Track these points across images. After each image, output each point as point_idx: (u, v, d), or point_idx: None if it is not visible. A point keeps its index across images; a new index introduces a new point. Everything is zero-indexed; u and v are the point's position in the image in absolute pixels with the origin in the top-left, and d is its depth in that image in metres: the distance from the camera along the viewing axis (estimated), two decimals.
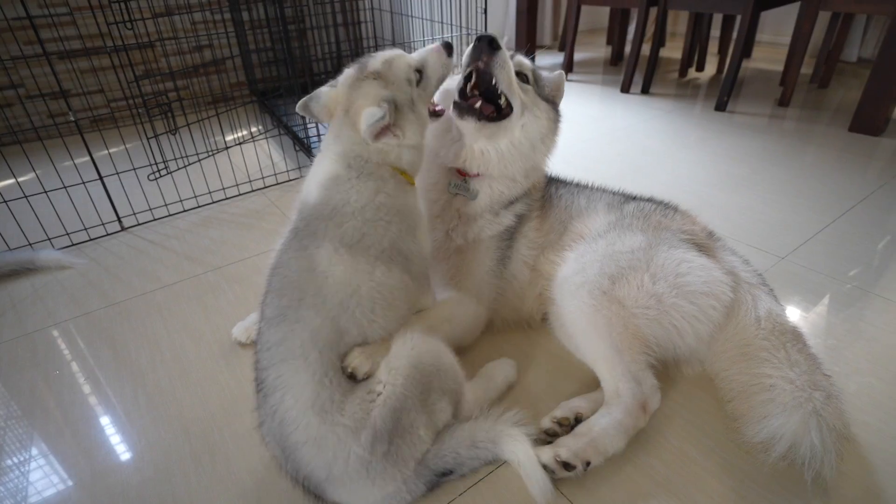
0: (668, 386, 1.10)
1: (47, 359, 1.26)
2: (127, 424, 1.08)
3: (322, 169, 0.94)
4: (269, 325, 0.83)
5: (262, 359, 0.83)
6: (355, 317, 0.85)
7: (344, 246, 0.87)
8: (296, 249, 0.88)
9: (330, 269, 0.85)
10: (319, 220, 0.89)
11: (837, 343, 1.20)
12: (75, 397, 1.15)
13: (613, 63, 3.83)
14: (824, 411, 0.87)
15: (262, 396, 0.82)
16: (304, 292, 0.83)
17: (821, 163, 2.11)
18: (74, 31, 2.42)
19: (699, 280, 1.01)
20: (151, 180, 2.00)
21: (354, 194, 0.90)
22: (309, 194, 0.94)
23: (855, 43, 3.40)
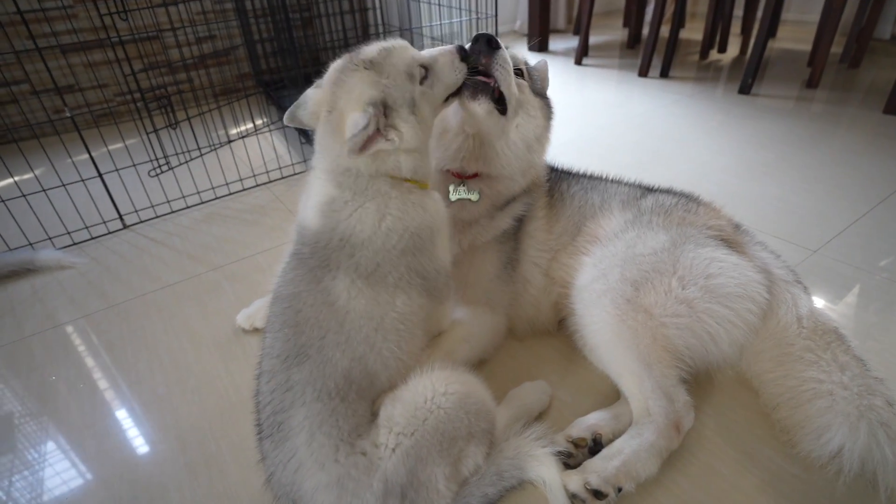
0: (693, 394, 1.02)
1: (44, 363, 1.22)
2: (122, 435, 1.04)
3: (316, 190, 0.84)
4: (288, 363, 0.74)
5: (278, 400, 0.74)
6: (382, 355, 0.78)
7: (361, 277, 0.79)
8: (308, 281, 0.79)
9: (350, 303, 0.77)
10: (329, 250, 0.80)
11: (878, 344, 1.11)
12: (70, 405, 1.11)
13: (630, 46, 3.69)
14: (890, 421, 0.80)
15: (278, 440, 0.73)
16: (325, 329, 0.76)
17: (853, 148, 1.98)
18: (68, 26, 2.38)
19: (733, 281, 0.93)
20: (153, 176, 1.95)
21: (357, 223, 0.80)
22: (307, 218, 0.84)
23: (889, 19, 3.21)
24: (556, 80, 3.07)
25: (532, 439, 0.83)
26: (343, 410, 0.73)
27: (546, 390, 1.02)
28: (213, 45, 2.83)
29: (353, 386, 0.75)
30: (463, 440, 0.76)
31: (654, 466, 0.84)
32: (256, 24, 2.75)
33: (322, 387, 0.73)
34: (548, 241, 1.15)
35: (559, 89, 2.90)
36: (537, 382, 1.02)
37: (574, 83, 2.99)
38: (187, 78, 2.70)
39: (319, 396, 0.72)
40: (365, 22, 3.24)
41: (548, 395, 1.01)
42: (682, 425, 0.88)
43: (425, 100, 0.84)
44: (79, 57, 2.46)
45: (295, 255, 0.84)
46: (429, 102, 0.85)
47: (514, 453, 0.81)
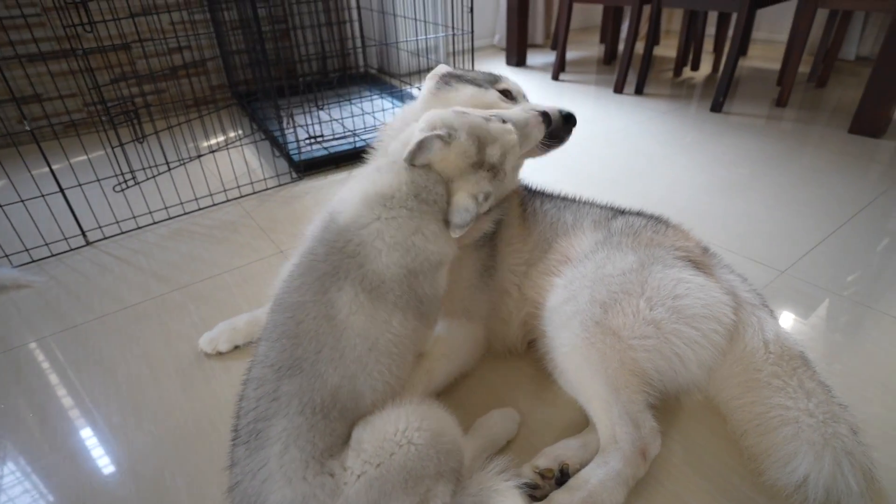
0: (661, 420, 1.02)
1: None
2: (72, 469, 0.98)
3: (379, 180, 0.84)
4: (280, 374, 0.73)
5: (263, 407, 0.72)
6: (372, 376, 0.76)
7: (364, 291, 0.78)
8: (315, 292, 0.78)
9: (350, 318, 0.76)
10: (342, 256, 0.79)
11: (844, 368, 1.12)
12: (17, 437, 1.05)
13: (607, 62, 3.74)
14: (854, 449, 0.81)
15: (254, 448, 0.71)
16: (321, 343, 0.75)
17: (821, 166, 2.03)
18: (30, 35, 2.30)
19: (699, 302, 0.93)
20: (118, 191, 1.90)
21: (393, 229, 0.80)
22: (342, 208, 0.83)
23: (853, 41, 3.32)
24: (534, 95, 3.09)
25: (496, 473, 0.80)
26: (322, 427, 0.72)
27: (514, 418, 1.00)
28: (186, 56, 2.78)
29: (338, 405, 0.74)
30: (431, 479, 0.73)
31: (620, 496, 0.83)
32: (232, 36, 2.72)
33: (308, 401, 0.72)
34: (523, 249, 1.15)
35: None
36: (505, 410, 1.01)
37: (551, 99, 3.01)
38: (157, 90, 2.65)
39: (303, 410, 0.71)
40: (342, 35, 3.23)
41: (516, 423, 0.99)
42: (648, 452, 0.87)
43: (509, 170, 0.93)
44: (41, 67, 2.38)
45: (308, 254, 0.82)
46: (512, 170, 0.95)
47: (478, 489, 0.79)
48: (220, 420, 1.07)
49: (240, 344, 1.25)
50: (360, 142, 2.23)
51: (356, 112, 2.54)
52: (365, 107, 2.62)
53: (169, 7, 2.57)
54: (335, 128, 2.35)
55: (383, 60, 3.40)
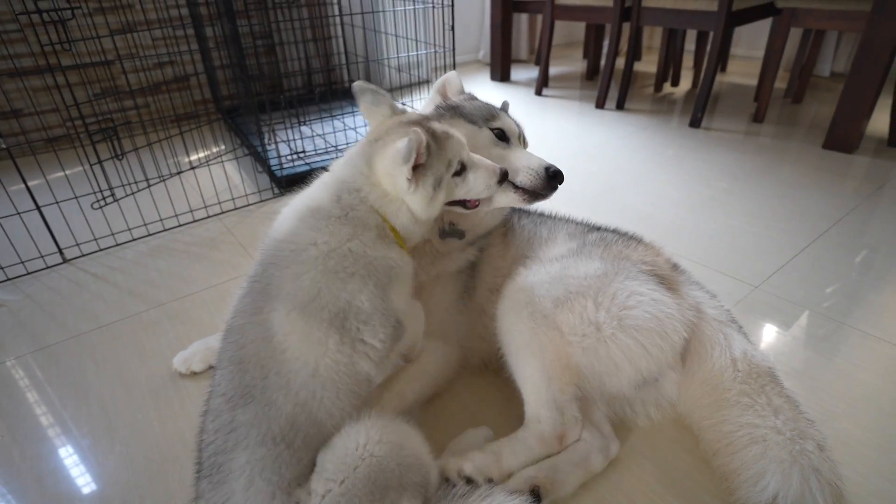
0: (637, 438, 1.03)
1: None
2: (39, 493, 0.96)
3: (307, 196, 0.86)
4: (232, 403, 0.72)
5: (221, 440, 0.71)
6: (324, 404, 0.74)
7: (297, 308, 0.76)
8: (250, 312, 0.77)
9: (286, 339, 0.74)
10: (275, 269, 0.78)
11: (814, 383, 1.14)
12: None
13: (589, 77, 3.80)
14: (821, 465, 0.82)
15: (216, 482, 0.69)
16: (266, 369, 0.73)
17: (795, 182, 2.07)
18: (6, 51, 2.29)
19: (647, 315, 0.95)
20: (96, 209, 1.88)
21: (325, 235, 0.79)
22: (279, 225, 0.84)
23: (827, 58, 3.41)
24: (518, 110, 3.12)
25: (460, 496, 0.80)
26: (287, 458, 0.70)
27: (488, 436, 1.00)
28: (170, 72, 2.78)
29: (300, 433, 0.72)
30: (395, 491, 0.73)
31: (521, 464, 0.91)
32: (218, 51, 2.73)
33: (267, 430, 0.70)
34: (502, 266, 1.17)
35: (521, 120, 2.94)
36: (479, 429, 1.01)
37: (534, 114, 3.05)
38: (137, 105, 2.64)
39: (264, 441, 0.70)
40: (327, 50, 3.25)
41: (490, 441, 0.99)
42: (566, 438, 0.94)
43: (445, 189, 0.88)
44: (19, 83, 2.36)
45: (251, 276, 0.82)
46: (447, 194, 0.90)
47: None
48: (192, 441, 1.04)
49: (214, 364, 1.24)
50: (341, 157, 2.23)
51: (339, 127, 2.55)
52: (348, 122, 2.63)
53: (149, 24, 2.58)
54: (318, 143, 2.36)
55: (368, 76, 3.43)
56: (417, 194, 0.84)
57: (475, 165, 0.92)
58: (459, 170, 0.90)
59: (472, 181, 0.92)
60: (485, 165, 0.93)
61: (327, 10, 3.12)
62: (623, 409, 1.05)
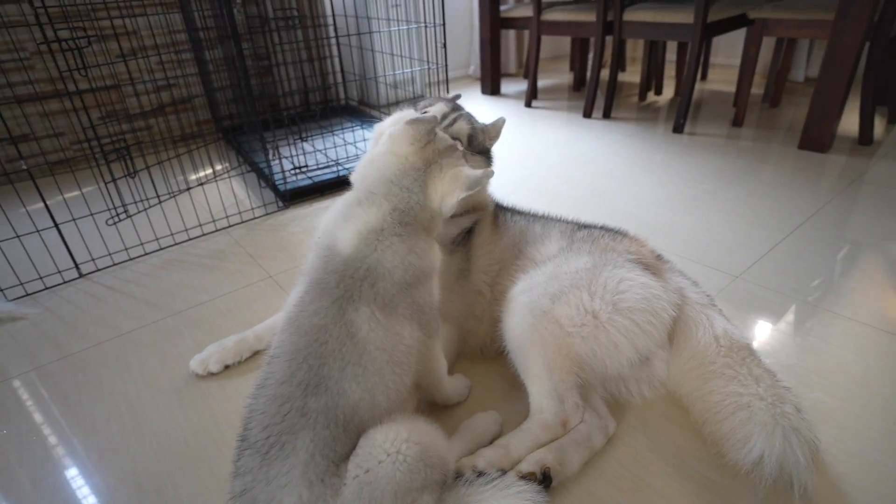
0: (628, 413, 1.11)
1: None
2: (77, 485, 1.04)
3: (359, 217, 0.92)
4: (307, 392, 0.79)
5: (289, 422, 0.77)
6: (388, 386, 0.84)
7: (379, 308, 0.86)
8: (334, 315, 0.84)
9: (370, 335, 0.84)
10: (353, 280, 0.87)
11: (789, 359, 1.23)
12: (22, 457, 1.10)
13: (576, 89, 3.95)
14: (799, 425, 0.91)
15: (275, 458, 0.76)
16: (346, 361, 0.82)
17: (773, 181, 2.19)
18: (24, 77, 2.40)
19: (637, 296, 1.04)
20: (110, 225, 1.97)
21: (390, 254, 0.89)
22: (340, 244, 0.90)
23: (801, 64, 3.57)
24: (509, 122, 3.25)
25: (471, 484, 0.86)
26: (343, 439, 0.79)
27: (497, 420, 1.08)
28: (174, 94, 2.89)
29: (356, 418, 0.81)
30: (417, 491, 0.79)
31: (529, 451, 0.98)
32: (217, 73, 2.84)
33: (333, 416, 0.79)
34: (494, 252, 1.26)
35: (512, 131, 3.07)
36: (489, 413, 1.09)
37: (524, 125, 3.17)
38: (146, 126, 2.74)
39: (328, 425, 0.78)
40: (323, 70, 3.37)
41: (499, 425, 1.07)
42: (569, 423, 1.02)
43: None
44: (36, 107, 2.46)
45: (318, 283, 0.88)
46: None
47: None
48: (217, 434, 1.13)
49: (230, 363, 1.31)
50: (342, 170, 2.34)
51: (338, 142, 2.66)
52: (347, 137, 2.74)
53: (151, 50, 2.69)
54: (319, 158, 2.46)
55: (363, 93, 3.55)
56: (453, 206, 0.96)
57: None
58: None
59: None
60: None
61: (323, 31, 3.24)
62: (619, 389, 1.13)
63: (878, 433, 1.04)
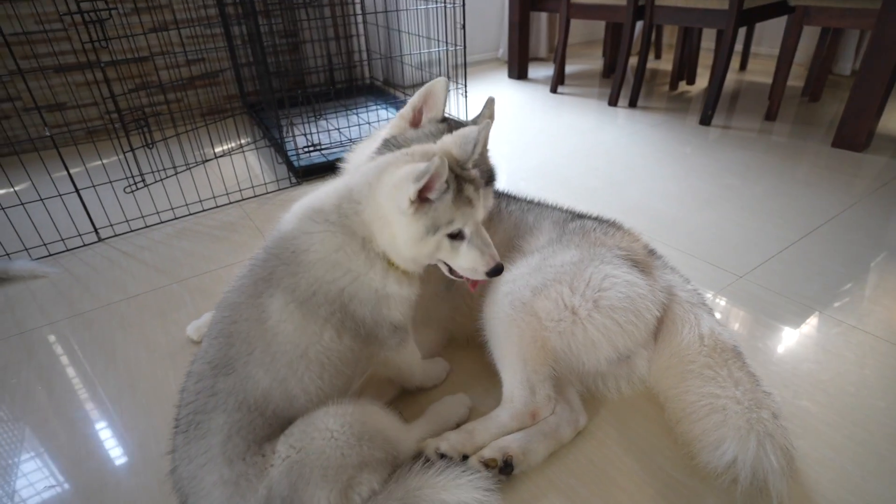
0: (601, 408, 1.10)
1: (7, 367, 1.30)
2: (67, 436, 1.11)
3: (317, 195, 0.89)
4: (216, 371, 0.79)
5: (202, 401, 0.78)
6: (303, 381, 0.82)
7: (295, 301, 0.82)
8: (249, 294, 0.83)
9: (280, 325, 0.81)
10: (278, 262, 0.84)
11: (780, 364, 1.19)
12: (26, 405, 1.18)
13: (606, 76, 3.83)
14: (775, 432, 0.89)
15: (194, 438, 0.77)
16: (252, 346, 0.80)
17: (798, 179, 2.09)
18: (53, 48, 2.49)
19: (620, 294, 1.02)
20: (128, 193, 2.05)
21: (317, 243, 0.85)
22: (287, 220, 0.89)
23: (848, 56, 3.35)
24: (530, 107, 3.19)
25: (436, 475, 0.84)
26: (260, 423, 0.78)
27: (465, 402, 1.08)
28: (201, 68, 2.96)
29: (271, 405, 0.80)
30: (353, 468, 0.77)
31: (494, 438, 0.98)
32: (244, 49, 2.89)
33: (243, 399, 0.78)
34: None
35: (531, 116, 3.02)
36: (457, 396, 1.09)
37: (546, 111, 3.11)
38: (166, 100, 2.82)
39: (240, 407, 0.77)
40: (349, 48, 3.38)
41: (467, 408, 1.08)
42: (538, 414, 1.01)
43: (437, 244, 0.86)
44: (61, 78, 2.56)
45: (252, 258, 0.89)
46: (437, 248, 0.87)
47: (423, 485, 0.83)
48: None
49: None
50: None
51: (355, 122, 2.67)
52: (367, 117, 2.76)
53: (181, 23, 2.75)
54: (334, 136, 2.49)
55: (388, 72, 3.55)
56: (408, 225, 0.82)
57: (475, 242, 0.88)
58: (458, 235, 0.87)
59: (464, 255, 0.88)
60: (482, 249, 0.88)
61: (349, 9, 3.24)
62: (596, 384, 1.12)
63: (854, 442, 1.00)
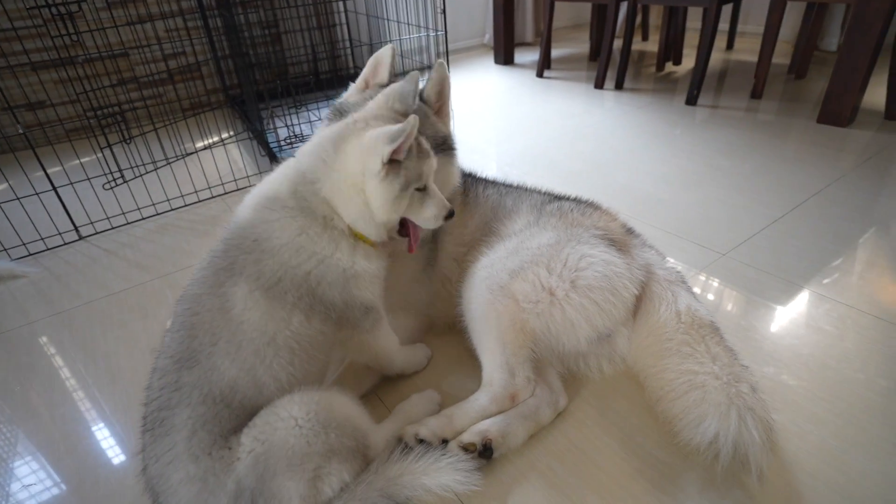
0: (580, 387, 1.10)
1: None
2: (46, 434, 1.10)
3: (267, 183, 0.89)
4: (179, 365, 0.78)
5: (166, 397, 0.77)
6: (272, 368, 0.80)
7: (260, 288, 0.81)
8: (211, 284, 0.82)
9: (245, 313, 0.80)
10: (239, 252, 0.83)
11: (762, 341, 1.19)
12: (7, 403, 1.17)
13: (592, 59, 3.80)
14: (755, 405, 0.89)
15: (159, 435, 0.76)
16: (216, 336, 0.78)
17: (783, 156, 2.08)
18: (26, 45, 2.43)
19: (597, 274, 1.02)
20: (107, 189, 2.03)
21: (278, 230, 0.84)
22: (240, 210, 0.88)
23: (835, 32, 3.33)
24: (516, 92, 3.17)
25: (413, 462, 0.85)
26: (227, 415, 0.77)
27: (434, 399, 1.06)
28: (180, 62, 2.92)
29: (238, 395, 0.78)
30: (320, 457, 0.76)
31: (473, 422, 0.97)
32: (220, 42, 2.84)
33: (208, 392, 0.76)
34: (463, 234, 1.24)
35: (517, 101, 2.99)
36: (425, 392, 1.07)
37: (532, 95, 3.09)
38: (143, 96, 2.77)
39: (205, 400, 0.76)
40: (332, 38, 3.34)
41: (436, 404, 1.05)
42: (518, 397, 1.01)
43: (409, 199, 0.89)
44: (33, 76, 2.48)
45: (210, 252, 0.87)
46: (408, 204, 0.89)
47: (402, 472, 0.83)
48: None
49: None
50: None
51: None
52: None
53: (156, 17, 2.71)
54: (316, 127, 2.46)
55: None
56: (383, 186, 0.84)
57: (432, 193, 0.92)
58: (423, 187, 0.90)
59: (428, 205, 0.92)
60: (439, 197, 0.93)
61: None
62: (577, 364, 1.12)
63: (834, 415, 1.00)
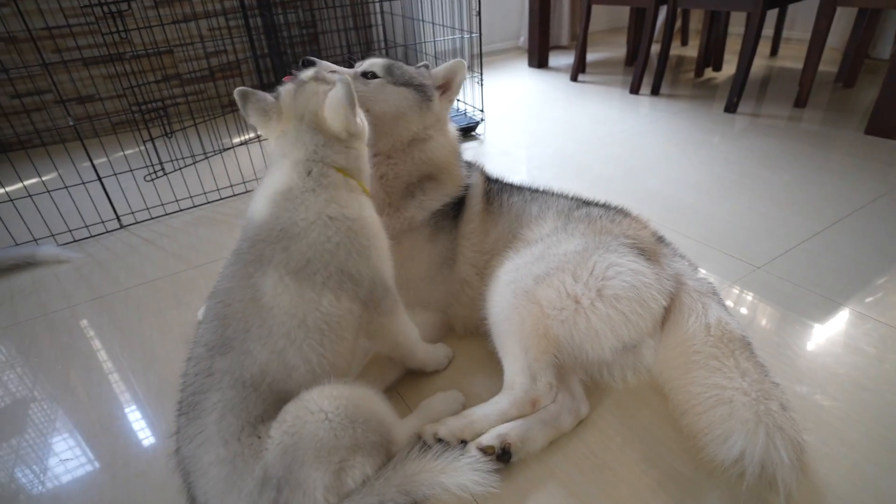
0: (603, 396, 1.09)
1: (31, 347, 1.36)
2: (83, 413, 1.15)
3: (274, 181, 0.92)
4: (213, 352, 0.81)
5: (199, 383, 0.80)
6: (303, 350, 0.83)
7: (289, 273, 0.84)
8: (240, 278, 0.86)
9: (275, 299, 0.83)
10: (265, 244, 0.87)
11: (796, 358, 1.15)
12: (49, 381, 1.23)
13: (629, 63, 3.74)
14: (784, 424, 0.86)
15: (192, 418, 0.79)
16: (249, 323, 0.82)
17: (826, 168, 2.00)
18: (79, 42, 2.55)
19: (625, 284, 1.00)
20: (148, 181, 2.10)
21: (303, 211, 0.87)
22: (255, 212, 0.91)
23: (888, 39, 3.19)
24: (549, 96, 3.15)
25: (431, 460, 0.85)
26: (254, 399, 0.79)
27: (458, 399, 1.07)
28: (221, 59, 3.00)
29: (267, 378, 0.81)
30: (346, 450, 0.79)
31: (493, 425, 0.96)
32: (259, 41, 2.92)
33: (239, 376, 0.79)
34: (484, 243, 1.23)
35: (549, 105, 2.97)
36: (450, 392, 1.08)
37: (565, 100, 3.06)
38: (185, 92, 2.87)
39: (234, 384, 0.79)
40: (368, 38, 3.39)
41: (459, 404, 1.06)
42: (539, 402, 0.99)
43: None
44: (83, 71, 2.62)
45: (235, 252, 0.91)
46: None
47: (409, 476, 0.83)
48: None
49: None
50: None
51: None
52: None
53: (200, 16, 2.80)
54: None
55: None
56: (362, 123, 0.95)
57: None
58: None
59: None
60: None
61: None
62: (601, 373, 1.10)
63: (869, 439, 0.96)
